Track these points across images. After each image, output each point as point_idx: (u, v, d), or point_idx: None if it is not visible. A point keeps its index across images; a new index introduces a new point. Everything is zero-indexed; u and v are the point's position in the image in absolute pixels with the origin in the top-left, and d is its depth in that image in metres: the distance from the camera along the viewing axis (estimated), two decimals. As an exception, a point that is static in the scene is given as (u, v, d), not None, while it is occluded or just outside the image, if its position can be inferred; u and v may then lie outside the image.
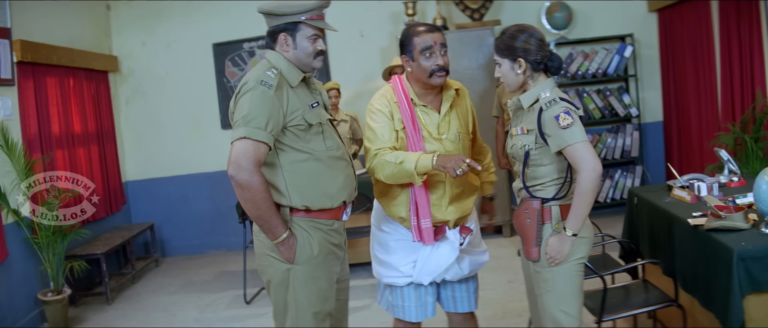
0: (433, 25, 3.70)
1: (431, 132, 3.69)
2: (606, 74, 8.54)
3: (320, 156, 3.39)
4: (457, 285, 3.96)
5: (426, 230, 3.70)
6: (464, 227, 3.80)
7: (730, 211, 3.73)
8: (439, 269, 3.78)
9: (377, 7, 8.76)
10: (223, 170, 7.41)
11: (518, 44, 3.31)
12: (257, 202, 3.20)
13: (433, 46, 3.58)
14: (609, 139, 8.65)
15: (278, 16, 3.35)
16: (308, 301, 3.41)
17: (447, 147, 3.69)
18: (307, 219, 3.40)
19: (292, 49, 3.38)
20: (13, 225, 6.34)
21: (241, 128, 3.17)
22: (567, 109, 3.20)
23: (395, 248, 3.88)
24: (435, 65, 3.59)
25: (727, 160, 4.90)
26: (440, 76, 3.62)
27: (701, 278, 3.81)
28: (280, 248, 3.34)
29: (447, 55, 3.66)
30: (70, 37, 7.79)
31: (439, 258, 3.77)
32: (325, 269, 3.47)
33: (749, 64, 6.71)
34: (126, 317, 6.75)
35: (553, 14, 8.59)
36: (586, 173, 3.14)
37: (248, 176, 3.15)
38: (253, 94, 3.20)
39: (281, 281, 3.44)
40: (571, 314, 3.35)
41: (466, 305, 4.00)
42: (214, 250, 9.26)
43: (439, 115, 3.72)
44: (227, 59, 8.97)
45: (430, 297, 3.93)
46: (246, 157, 3.15)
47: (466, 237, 3.77)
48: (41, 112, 6.96)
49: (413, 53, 3.62)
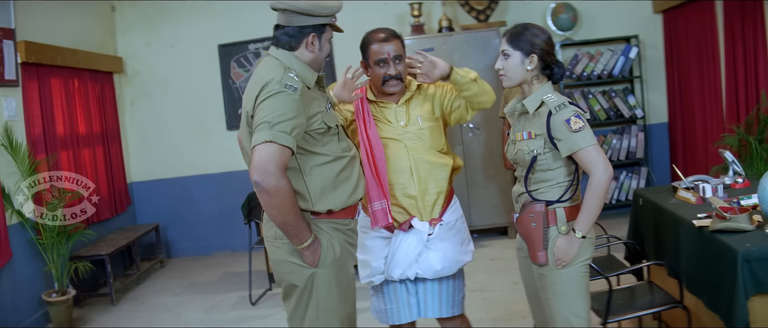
0: (391, 34, 3.79)
1: (390, 120, 3.84)
2: (611, 75, 8.53)
3: (338, 158, 3.37)
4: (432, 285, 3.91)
5: (378, 212, 3.75)
6: (434, 218, 3.82)
7: (734, 212, 3.71)
8: (407, 259, 3.78)
9: (383, 9, 8.75)
10: (229, 170, 7.31)
11: (538, 41, 3.30)
12: (285, 208, 3.11)
13: (386, 58, 3.73)
14: (614, 140, 8.64)
15: (313, 16, 3.30)
16: (335, 304, 3.36)
17: (410, 130, 3.82)
18: (328, 220, 3.36)
19: (317, 50, 3.36)
20: (17, 226, 6.35)
21: (265, 132, 3.04)
22: (577, 113, 3.19)
23: (370, 245, 3.92)
24: (386, 75, 3.75)
25: (731, 161, 4.89)
26: (392, 85, 3.79)
27: (706, 279, 3.80)
28: (304, 252, 3.26)
29: (402, 62, 3.78)
30: (75, 38, 7.81)
31: (406, 249, 3.78)
32: (345, 270, 3.43)
33: (753, 66, 6.70)
34: (131, 318, 6.75)
35: (559, 15, 8.57)
36: (598, 176, 3.14)
37: (276, 182, 3.03)
38: (278, 97, 3.10)
39: (305, 287, 3.34)
40: (579, 315, 3.34)
41: (436, 310, 3.94)
42: (220, 251, 9.26)
43: (395, 105, 3.86)
44: (232, 60, 8.98)
45: (411, 298, 3.93)
46: (273, 162, 3.02)
47: (435, 227, 3.80)
48: (46, 113, 6.97)
49: (369, 61, 3.79)
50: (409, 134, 3.81)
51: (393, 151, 3.81)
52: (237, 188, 8.29)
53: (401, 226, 3.79)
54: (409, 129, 3.82)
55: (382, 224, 3.75)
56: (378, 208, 3.74)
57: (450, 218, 3.90)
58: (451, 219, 3.90)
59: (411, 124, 3.82)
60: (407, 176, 3.78)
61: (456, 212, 3.97)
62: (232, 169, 8.83)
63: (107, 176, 8.28)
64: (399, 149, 3.81)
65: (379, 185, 3.73)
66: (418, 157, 3.79)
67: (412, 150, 3.80)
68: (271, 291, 7.00)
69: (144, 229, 8.44)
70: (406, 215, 3.81)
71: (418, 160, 3.79)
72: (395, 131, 3.81)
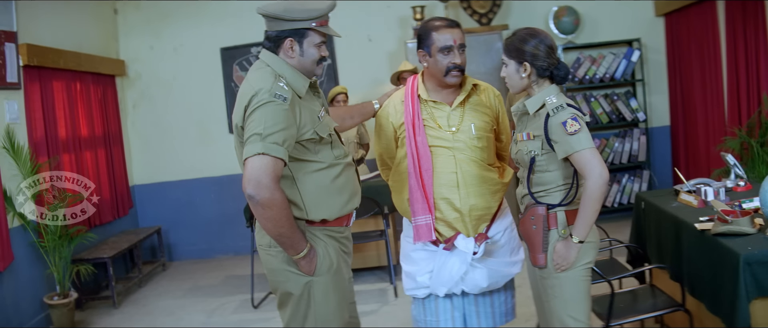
0: (453, 22, 3.60)
1: (441, 125, 3.62)
2: (613, 79, 8.52)
3: (331, 166, 3.31)
4: (480, 298, 3.81)
5: (421, 227, 3.60)
6: (480, 234, 3.64)
7: (736, 215, 3.71)
8: (452, 279, 3.66)
9: (385, 12, 8.76)
10: (231, 174, 7.29)
11: (527, 48, 3.29)
12: (280, 220, 3.06)
13: (452, 45, 3.52)
14: (616, 143, 8.63)
15: (286, 21, 3.20)
16: (333, 311, 3.35)
17: (461, 138, 3.60)
18: (323, 228, 3.33)
19: (298, 56, 3.24)
20: (19, 229, 6.36)
21: (257, 144, 2.99)
22: (574, 116, 3.19)
23: (415, 258, 3.79)
24: (451, 63, 3.53)
25: (733, 164, 4.89)
26: (455, 75, 3.57)
27: (708, 282, 3.80)
28: (300, 262, 3.23)
29: (465, 53, 3.60)
30: (77, 41, 7.82)
31: (451, 268, 3.64)
32: (341, 277, 3.41)
33: (755, 69, 6.70)
34: (132, 321, 6.75)
35: (561, 19, 8.58)
36: (593, 180, 3.13)
37: (270, 194, 3.00)
38: (267, 108, 3.03)
39: (302, 295, 3.31)
40: (579, 319, 3.34)
41: (490, 320, 3.82)
42: (222, 254, 9.26)
43: (449, 108, 3.64)
44: (235, 63, 8.98)
45: (456, 312, 3.82)
46: (266, 174, 2.98)
47: (481, 245, 3.60)
48: (48, 115, 6.98)
49: (431, 49, 3.56)
50: (460, 143, 3.60)
51: (441, 160, 3.60)
52: (239, 191, 8.13)
53: (446, 241, 3.65)
54: (460, 137, 3.60)
55: (426, 239, 3.62)
56: (422, 223, 3.59)
57: (498, 229, 3.75)
58: (500, 230, 3.76)
59: (462, 132, 3.61)
60: (454, 189, 3.59)
61: (505, 220, 3.81)
62: (235, 172, 8.71)
63: (109, 179, 8.28)
64: (447, 159, 3.60)
65: (425, 198, 3.58)
66: (467, 169, 3.60)
67: (461, 161, 3.60)
68: (273, 295, 6.97)
69: (146, 232, 8.44)
70: (452, 230, 3.64)
71: (467, 173, 3.60)
72: (444, 139, 3.60)
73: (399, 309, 6.21)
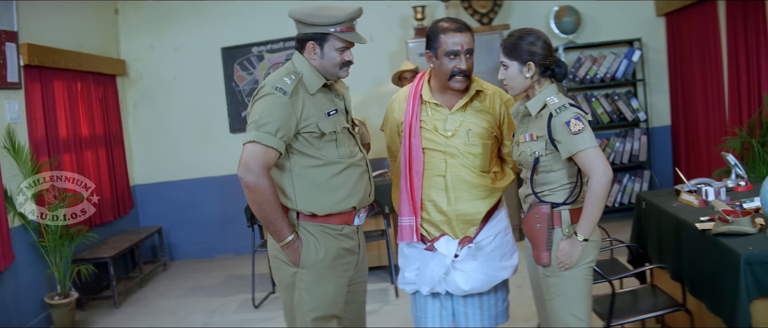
0: (464, 25, 3.57)
1: (438, 128, 3.62)
2: (614, 78, 8.52)
3: (331, 163, 3.41)
4: (469, 299, 3.79)
5: (405, 228, 3.64)
6: (466, 237, 3.64)
7: (737, 215, 3.71)
8: (433, 279, 3.68)
9: (386, 12, 8.75)
10: (232, 173, 7.37)
11: (528, 47, 3.30)
12: (263, 204, 3.27)
13: (459, 50, 3.51)
14: (617, 143, 8.63)
15: (308, 25, 3.36)
16: (310, 305, 3.44)
17: (455, 144, 3.60)
18: (315, 223, 3.43)
19: (319, 58, 3.40)
20: (19, 228, 6.36)
21: (252, 132, 3.23)
22: (578, 115, 3.20)
23: (407, 254, 3.84)
24: (456, 68, 3.51)
25: (734, 164, 4.89)
26: (459, 81, 3.55)
27: (709, 282, 3.80)
28: (285, 250, 3.39)
29: (472, 58, 3.59)
30: (78, 40, 7.82)
31: (432, 268, 3.67)
32: (333, 273, 3.48)
33: (756, 69, 6.70)
34: (133, 321, 6.75)
35: (562, 18, 8.58)
36: (598, 179, 3.14)
37: (255, 179, 3.22)
38: (266, 99, 3.26)
39: (288, 284, 3.49)
40: (580, 318, 3.34)
41: (478, 321, 3.80)
42: (223, 254, 9.26)
43: (448, 112, 3.62)
44: (236, 63, 8.98)
45: (444, 310, 3.84)
46: (255, 161, 3.21)
47: (463, 249, 3.60)
48: (48, 115, 6.98)
49: (438, 51, 3.54)
50: (453, 148, 3.60)
51: (432, 162, 3.62)
52: (240, 191, 8.17)
53: (431, 241, 3.65)
54: (454, 142, 3.59)
55: (408, 240, 3.66)
56: (406, 223, 3.63)
57: (488, 233, 3.70)
58: (490, 234, 3.70)
59: (457, 137, 3.59)
60: (442, 192, 3.61)
61: (497, 225, 3.76)
62: (235, 172, 8.80)
63: (110, 179, 8.29)
64: (438, 162, 3.61)
65: (411, 199, 3.60)
66: (456, 174, 3.59)
67: (452, 166, 3.60)
68: (274, 294, 6.99)
69: (147, 231, 8.43)
70: (438, 231, 3.65)
71: (456, 178, 3.59)
72: (438, 142, 3.61)
73: (399, 309, 6.22)
